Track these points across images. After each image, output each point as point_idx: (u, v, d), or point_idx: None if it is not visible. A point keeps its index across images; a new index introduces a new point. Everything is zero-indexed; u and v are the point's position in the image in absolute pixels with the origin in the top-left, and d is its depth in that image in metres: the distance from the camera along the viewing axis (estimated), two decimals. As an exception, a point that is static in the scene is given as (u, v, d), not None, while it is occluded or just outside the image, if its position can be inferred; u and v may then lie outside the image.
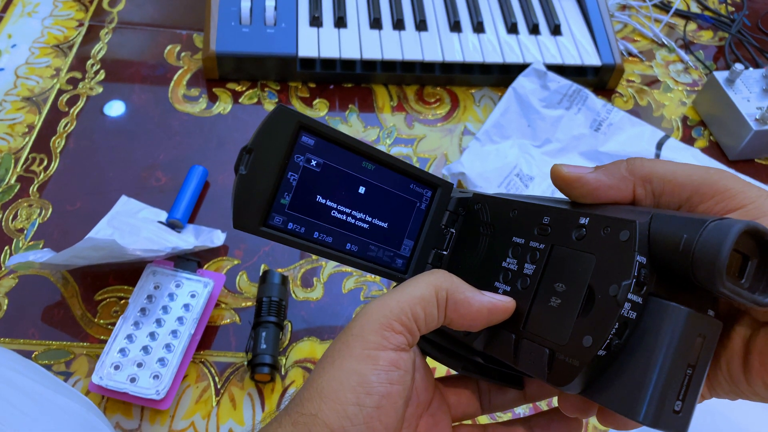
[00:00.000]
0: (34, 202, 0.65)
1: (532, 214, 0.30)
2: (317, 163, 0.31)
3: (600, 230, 0.26)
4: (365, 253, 0.33)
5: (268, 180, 0.30)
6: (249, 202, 0.30)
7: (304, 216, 0.31)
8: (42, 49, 0.78)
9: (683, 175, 0.25)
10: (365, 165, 0.32)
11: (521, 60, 0.78)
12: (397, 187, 0.33)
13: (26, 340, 0.56)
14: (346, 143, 0.31)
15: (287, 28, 0.76)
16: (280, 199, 0.30)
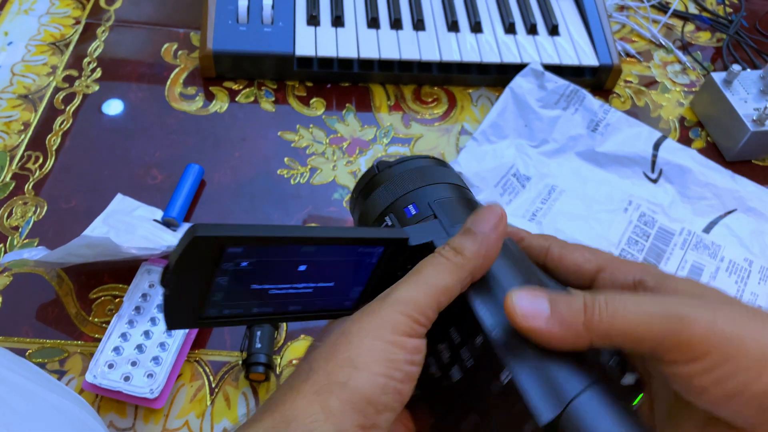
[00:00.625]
0: (29, 199, 0.65)
1: (469, 326, 0.29)
2: (249, 263, 0.28)
3: (510, 402, 0.25)
4: (311, 308, 0.31)
5: (196, 291, 0.27)
6: (180, 310, 0.28)
7: (239, 302, 0.29)
8: (38, 47, 0.78)
9: (644, 329, 0.25)
10: (305, 249, 0.29)
11: (519, 60, 0.78)
12: (343, 254, 0.30)
13: (20, 338, 0.56)
14: (279, 240, 0.28)
15: (284, 26, 0.76)
16: (212, 298, 0.28)
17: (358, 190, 0.39)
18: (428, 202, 0.35)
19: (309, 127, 0.74)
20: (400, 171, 0.37)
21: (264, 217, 0.66)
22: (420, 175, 0.37)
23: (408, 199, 0.36)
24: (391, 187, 0.36)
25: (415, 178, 0.37)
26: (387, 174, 0.38)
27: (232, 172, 0.69)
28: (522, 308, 0.26)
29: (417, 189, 0.36)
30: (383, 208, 0.36)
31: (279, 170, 0.70)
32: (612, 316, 0.25)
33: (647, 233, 0.68)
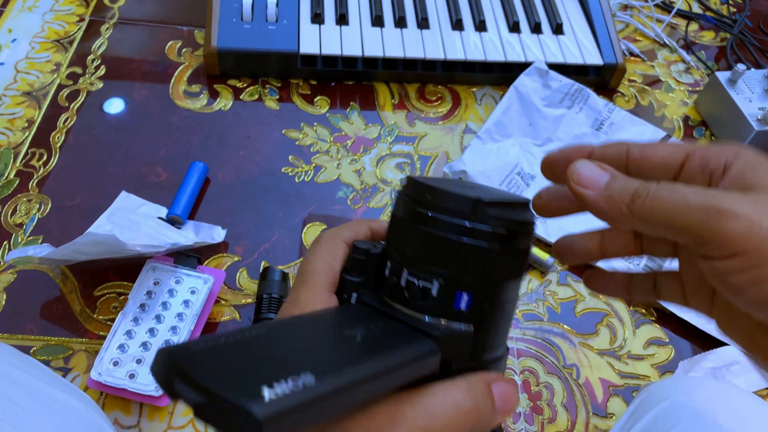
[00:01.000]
0: (33, 197, 0.65)
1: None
2: None
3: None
4: None
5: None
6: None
7: None
8: (42, 44, 0.78)
9: (681, 218, 0.24)
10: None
11: (523, 59, 0.78)
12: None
13: (25, 335, 0.56)
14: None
15: (289, 24, 0.76)
16: None
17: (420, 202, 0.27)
18: (484, 303, 0.27)
19: (313, 125, 0.74)
20: (493, 240, 0.26)
21: (268, 214, 0.66)
22: (510, 259, 0.27)
23: (471, 284, 0.26)
24: (467, 254, 0.26)
25: (502, 261, 0.27)
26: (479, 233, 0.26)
27: (236, 170, 0.69)
28: (579, 174, 0.26)
29: (487, 279, 0.27)
30: (438, 265, 0.26)
31: (283, 168, 0.70)
32: (653, 201, 0.25)
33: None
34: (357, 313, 0.28)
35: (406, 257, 0.28)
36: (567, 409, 0.57)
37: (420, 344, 0.26)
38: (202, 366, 0.19)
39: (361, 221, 0.33)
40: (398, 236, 0.28)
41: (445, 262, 0.26)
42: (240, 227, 0.64)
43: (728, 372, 0.58)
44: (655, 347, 0.62)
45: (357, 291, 0.29)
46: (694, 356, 0.60)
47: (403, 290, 0.27)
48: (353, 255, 0.29)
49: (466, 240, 0.26)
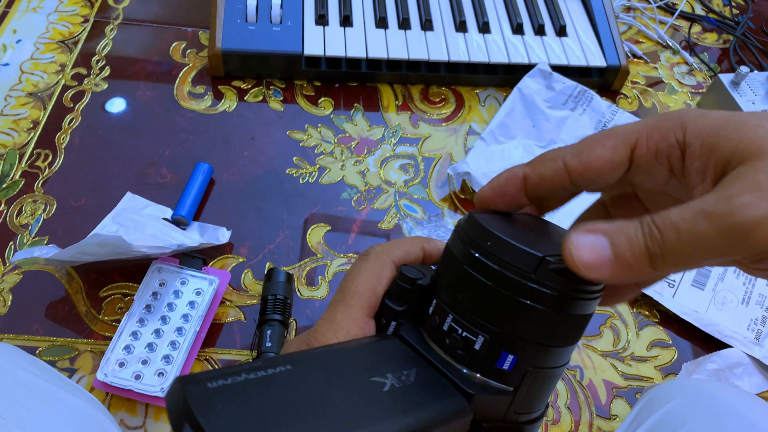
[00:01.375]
0: (38, 197, 0.65)
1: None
2: None
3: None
4: None
5: None
6: None
7: None
8: (47, 45, 0.78)
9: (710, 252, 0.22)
10: None
11: (526, 60, 0.78)
12: None
13: (30, 336, 0.56)
14: None
15: (293, 26, 0.76)
16: None
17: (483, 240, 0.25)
18: (529, 368, 0.25)
19: (317, 126, 0.74)
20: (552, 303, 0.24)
21: (273, 216, 0.66)
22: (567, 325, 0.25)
23: (519, 345, 0.24)
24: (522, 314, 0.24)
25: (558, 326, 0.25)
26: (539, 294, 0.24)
27: (240, 171, 0.69)
28: (581, 257, 0.23)
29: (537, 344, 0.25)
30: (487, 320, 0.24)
31: (287, 169, 0.70)
32: (671, 251, 0.22)
33: (655, 234, 0.68)
34: (390, 351, 0.26)
35: (453, 301, 0.25)
36: (571, 410, 0.58)
37: (452, 401, 0.24)
38: (215, 414, 0.18)
39: (414, 240, 0.30)
40: (449, 276, 0.26)
41: (496, 318, 0.24)
42: (244, 228, 0.65)
43: (731, 374, 0.58)
44: (659, 349, 0.62)
45: (397, 320, 0.27)
46: (697, 358, 0.60)
47: (444, 334, 0.25)
48: (399, 281, 0.27)
49: (522, 300, 0.24)
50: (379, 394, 0.23)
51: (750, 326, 0.62)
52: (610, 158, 0.25)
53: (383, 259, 0.29)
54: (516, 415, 0.25)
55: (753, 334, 0.62)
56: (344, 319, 0.27)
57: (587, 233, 0.23)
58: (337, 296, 0.29)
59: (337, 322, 0.27)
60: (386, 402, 0.23)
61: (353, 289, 0.28)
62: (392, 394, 0.23)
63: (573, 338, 0.25)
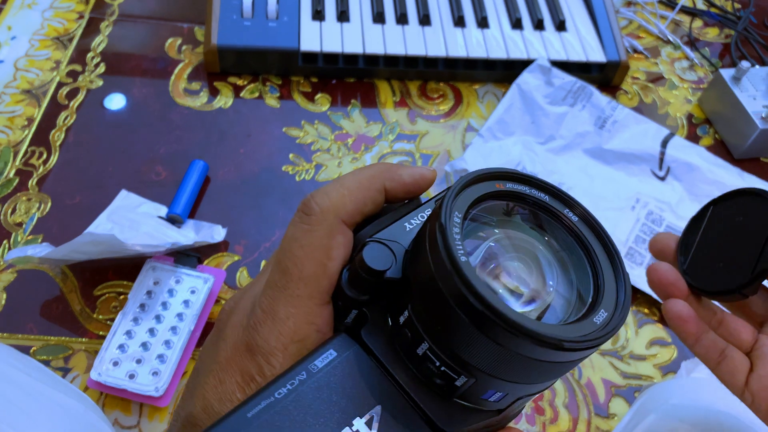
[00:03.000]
0: (33, 195, 0.64)
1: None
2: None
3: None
4: None
5: None
6: None
7: None
8: (42, 42, 0.78)
9: None
10: None
11: (525, 56, 0.77)
12: None
13: (24, 335, 0.56)
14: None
15: (289, 21, 0.76)
16: None
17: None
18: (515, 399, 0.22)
19: (314, 123, 0.73)
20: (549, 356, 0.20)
21: (269, 213, 0.65)
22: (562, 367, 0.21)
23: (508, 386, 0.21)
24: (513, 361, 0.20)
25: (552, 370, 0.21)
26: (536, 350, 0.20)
27: (236, 169, 0.69)
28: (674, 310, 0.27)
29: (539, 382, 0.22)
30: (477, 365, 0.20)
31: (284, 166, 0.69)
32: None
33: (655, 231, 0.67)
34: (350, 381, 0.21)
35: (431, 330, 0.20)
36: (569, 409, 0.57)
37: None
38: None
39: (370, 179, 0.24)
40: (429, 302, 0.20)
41: (485, 364, 0.20)
42: (240, 226, 0.64)
43: (731, 372, 0.58)
44: (658, 347, 0.62)
45: (359, 308, 0.22)
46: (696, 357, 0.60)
47: (419, 360, 0.21)
48: (362, 274, 0.21)
49: (525, 354, 0.20)
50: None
51: (750, 324, 0.62)
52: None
53: (332, 223, 0.22)
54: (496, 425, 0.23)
55: (753, 332, 0.61)
56: (289, 317, 0.22)
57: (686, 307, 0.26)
58: (275, 279, 0.22)
59: (281, 319, 0.22)
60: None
61: (296, 274, 0.22)
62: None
63: (563, 372, 0.22)
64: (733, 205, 0.35)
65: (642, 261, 0.65)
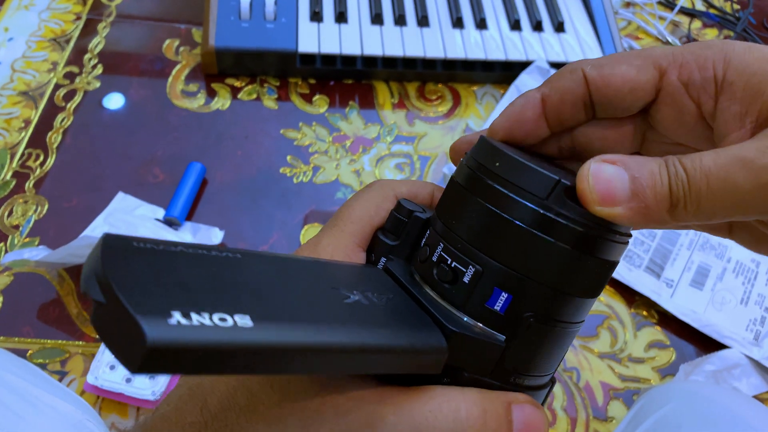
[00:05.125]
0: (29, 198, 0.64)
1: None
2: None
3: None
4: None
5: None
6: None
7: None
8: (39, 43, 0.77)
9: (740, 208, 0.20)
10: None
11: (524, 57, 0.77)
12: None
13: (21, 338, 0.56)
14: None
15: (287, 23, 0.75)
16: None
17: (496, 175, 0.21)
18: (523, 314, 0.21)
19: (312, 124, 0.73)
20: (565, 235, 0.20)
21: (266, 216, 0.65)
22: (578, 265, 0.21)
23: (516, 282, 0.21)
24: (525, 242, 0.20)
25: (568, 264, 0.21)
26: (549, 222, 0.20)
27: (234, 171, 0.68)
28: (598, 190, 0.20)
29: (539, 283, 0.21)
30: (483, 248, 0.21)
31: (281, 168, 0.69)
32: (698, 198, 0.20)
33: (653, 233, 0.67)
34: (369, 278, 0.22)
35: (447, 229, 0.22)
36: (567, 412, 0.57)
37: (425, 333, 0.20)
38: (127, 266, 0.15)
39: (425, 183, 0.27)
40: (448, 202, 0.23)
41: (492, 248, 0.21)
42: (238, 228, 0.64)
43: (729, 375, 0.58)
44: (656, 350, 0.61)
45: (387, 256, 0.24)
46: (695, 359, 0.60)
47: (432, 266, 0.22)
48: (394, 213, 0.24)
49: (526, 228, 0.20)
50: (338, 303, 0.19)
51: (749, 327, 0.62)
52: (633, 78, 0.22)
53: (386, 191, 0.26)
54: (509, 374, 0.22)
55: (752, 334, 0.61)
56: (330, 244, 0.24)
57: (607, 163, 0.20)
58: (329, 222, 0.25)
59: (322, 245, 0.24)
60: (342, 310, 0.19)
61: (347, 215, 0.25)
62: (354, 307, 0.20)
63: (584, 287, 0.21)
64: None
65: (641, 263, 0.65)
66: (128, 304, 0.14)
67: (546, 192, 0.20)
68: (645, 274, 0.64)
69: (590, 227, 0.20)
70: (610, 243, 0.21)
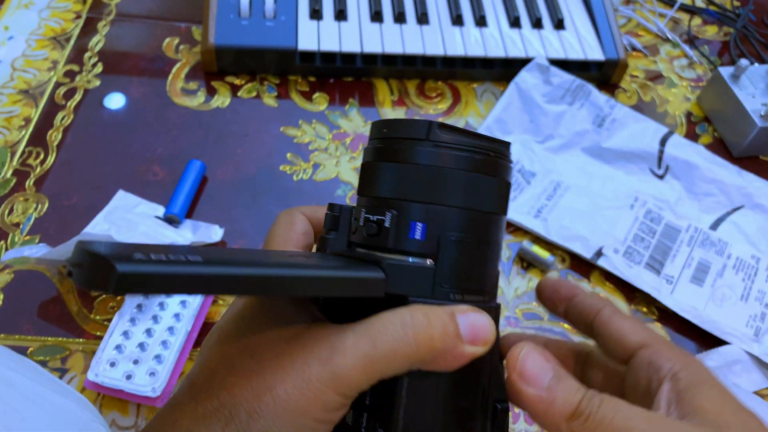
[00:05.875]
0: (30, 196, 0.64)
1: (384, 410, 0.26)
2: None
3: None
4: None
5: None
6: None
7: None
8: (39, 42, 0.78)
9: None
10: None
11: (524, 54, 0.77)
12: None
13: (21, 336, 0.56)
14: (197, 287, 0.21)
15: (287, 20, 0.75)
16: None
17: (392, 136, 0.27)
18: (445, 238, 0.25)
19: (311, 122, 0.73)
20: (459, 165, 0.25)
21: (266, 213, 0.65)
22: (484, 191, 0.26)
23: (426, 212, 0.25)
24: (429, 179, 0.25)
25: (471, 192, 0.25)
26: (441, 155, 0.25)
27: (234, 168, 0.68)
28: (524, 365, 0.25)
29: (452, 208, 0.25)
30: (400, 196, 0.26)
31: (281, 166, 0.69)
32: (598, 425, 0.24)
33: (653, 230, 0.67)
34: (317, 255, 0.27)
35: (364, 196, 0.27)
36: (567, 409, 0.57)
37: (363, 270, 0.24)
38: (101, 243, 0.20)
39: (321, 206, 0.32)
40: (361, 180, 0.28)
41: (399, 191, 0.25)
42: (238, 226, 0.64)
43: (730, 371, 0.58)
44: (657, 346, 0.61)
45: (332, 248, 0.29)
46: (695, 355, 0.60)
47: (361, 229, 0.26)
48: (328, 213, 0.28)
49: (417, 164, 0.25)
50: (283, 256, 0.24)
51: (749, 323, 0.61)
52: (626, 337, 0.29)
53: (290, 213, 0.31)
54: (447, 293, 0.25)
55: (752, 330, 0.61)
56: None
57: (542, 355, 0.25)
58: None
59: None
60: (287, 259, 0.24)
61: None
62: (298, 257, 0.24)
63: (479, 200, 0.26)
64: None
65: (641, 260, 0.65)
66: (101, 252, 0.19)
67: (425, 133, 0.25)
68: (645, 270, 0.64)
69: (463, 149, 0.25)
70: (493, 162, 0.26)
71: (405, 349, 0.24)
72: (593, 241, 0.65)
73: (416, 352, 0.24)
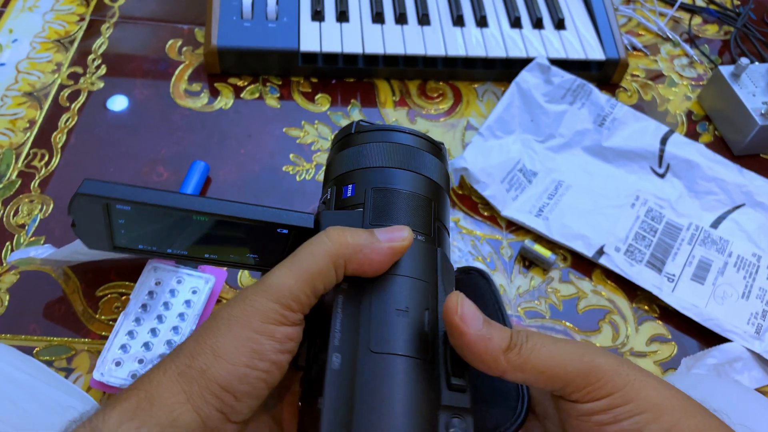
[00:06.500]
0: (35, 197, 0.65)
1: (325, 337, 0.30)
2: (139, 218, 0.32)
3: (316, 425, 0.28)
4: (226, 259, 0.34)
5: (100, 223, 0.32)
6: (92, 235, 0.32)
7: (149, 240, 0.33)
8: (43, 44, 0.78)
9: (557, 368, 0.27)
10: (196, 218, 0.31)
11: (525, 54, 0.77)
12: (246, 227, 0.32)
13: (27, 336, 0.56)
14: (165, 207, 0.31)
15: (289, 22, 0.76)
16: (118, 230, 0.32)
17: (333, 142, 0.37)
18: (367, 189, 0.33)
19: (314, 123, 0.74)
20: (370, 140, 0.35)
21: (269, 213, 0.66)
22: (388, 153, 0.34)
23: (353, 177, 0.34)
24: (351, 156, 0.35)
25: (379, 155, 0.34)
26: (359, 138, 0.36)
27: (237, 169, 0.69)
28: (464, 310, 0.27)
29: (368, 168, 0.34)
30: (336, 174, 0.35)
31: (284, 167, 0.70)
32: (529, 353, 0.27)
33: (654, 228, 0.67)
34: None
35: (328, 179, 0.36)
36: (569, 406, 0.57)
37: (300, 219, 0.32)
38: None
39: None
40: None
41: (336, 170, 0.35)
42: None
43: (731, 368, 0.58)
44: (658, 344, 0.62)
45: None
46: (696, 353, 0.60)
47: (322, 206, 0.35)
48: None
49: (344, 148, 0.36)
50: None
51: (750, 320, 0.62)
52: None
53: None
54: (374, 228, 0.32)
55: (753, 328, 0.61)
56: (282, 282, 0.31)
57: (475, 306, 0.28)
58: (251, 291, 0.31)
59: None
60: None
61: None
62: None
63: (390, 161, 0.34)
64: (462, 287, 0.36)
65: (642, 258, 0.65)
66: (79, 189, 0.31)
67: (353, 128, 0.37)
68: (646, 268, 0.64)
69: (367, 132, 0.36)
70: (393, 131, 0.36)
71: (322, 246, 0.28)
72: (595, 240, 0.65)
73: (333, 248, 0.28)
